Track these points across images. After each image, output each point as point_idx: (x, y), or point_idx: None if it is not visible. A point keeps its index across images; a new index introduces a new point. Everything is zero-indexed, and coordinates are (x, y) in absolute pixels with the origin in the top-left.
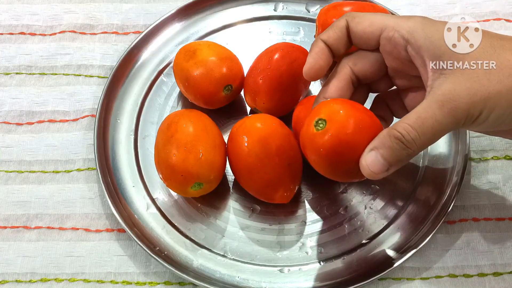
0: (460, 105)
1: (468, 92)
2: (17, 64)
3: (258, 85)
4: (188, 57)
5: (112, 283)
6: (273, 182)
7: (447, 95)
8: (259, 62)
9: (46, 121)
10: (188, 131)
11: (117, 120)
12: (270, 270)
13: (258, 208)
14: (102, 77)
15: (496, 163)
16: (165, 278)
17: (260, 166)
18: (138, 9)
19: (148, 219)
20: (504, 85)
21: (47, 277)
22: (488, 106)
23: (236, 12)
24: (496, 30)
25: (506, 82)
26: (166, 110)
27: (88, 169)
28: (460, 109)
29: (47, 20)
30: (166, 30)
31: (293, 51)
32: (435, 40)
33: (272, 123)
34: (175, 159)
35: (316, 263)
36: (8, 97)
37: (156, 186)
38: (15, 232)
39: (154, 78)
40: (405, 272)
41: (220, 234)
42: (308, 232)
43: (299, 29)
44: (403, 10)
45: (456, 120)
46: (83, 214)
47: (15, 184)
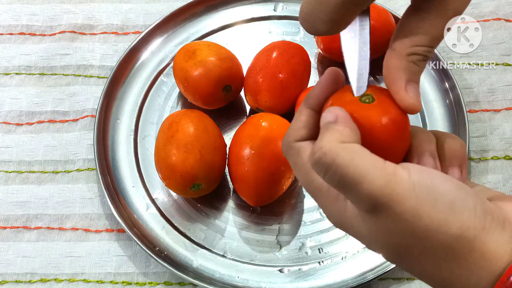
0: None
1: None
2: (17, 65)
3: (259, 84)
4: (188, 57)
5: (112, 283)
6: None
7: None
8: (257, 62)
9: (45, 122)
10: (189, 131)
11: (117, 120)
12: (270, 270)
13: (258, 208)
14: (101, 77)
15: (496, 163)
16: (165, 278)
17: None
18: (138, 9)
19: (148, 219)
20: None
21: (47, 277)
22: None
23: (236, 12)
24: (496, 30)
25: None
26: (165, 110)
27: (88, 169)
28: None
29: (47, 20)
30: (166, 30)
31: (290, 48)
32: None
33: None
34: (175, 159)
35: (316, 263)
36: (8, 98)
37: (156, 186)
38: (15, 232)
39: (154, 78)
40: (405, 272)
41: (220, 234)
42: (308, 232)
43: (299, 29)
44: (403, 10)
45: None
46: (82, 215)
47: (15, 184)
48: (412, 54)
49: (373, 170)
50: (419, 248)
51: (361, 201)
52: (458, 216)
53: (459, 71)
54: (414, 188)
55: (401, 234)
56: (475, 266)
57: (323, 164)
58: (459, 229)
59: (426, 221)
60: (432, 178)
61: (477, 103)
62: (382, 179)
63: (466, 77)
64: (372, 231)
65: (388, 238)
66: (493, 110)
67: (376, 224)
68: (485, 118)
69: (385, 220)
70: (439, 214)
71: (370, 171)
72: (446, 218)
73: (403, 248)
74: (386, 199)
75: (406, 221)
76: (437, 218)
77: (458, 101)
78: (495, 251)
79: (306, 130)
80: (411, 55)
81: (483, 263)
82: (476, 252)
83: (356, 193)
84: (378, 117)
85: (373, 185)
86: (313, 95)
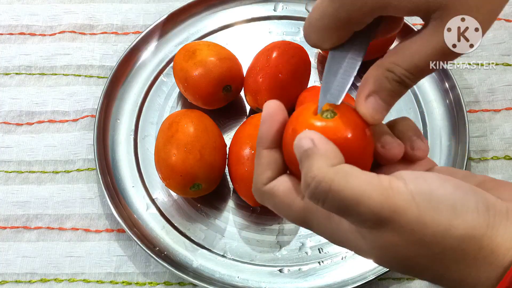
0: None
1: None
2: (17, 65)
3: (259, 84)
4: (188, 57)
5: (112, 283)
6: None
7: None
8: (257, 62)
9: (45, 121)
10: (189, 131)
11: (116, 120)
12: (270, 270)
13: (258, 208)
14: (101, 77)
15: (496, 163)
16: (165, 278)
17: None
18: (138, 9)
19: (148, 219)
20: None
21: (47, 277)
22: None
23: (236, 12)
24: (496, 30)
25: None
26: (165, 110)
27: (87, 169)
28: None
29: (47, 20)
30: (166, 30)
31: (290, 48)
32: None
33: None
34: (175, 159)
35: (316, 263)
36: (8, 97)
37: (156, 186)
38: (15, 232)
39: (154, 78)
40: None
41: (220, 234)
42: (308, 232)
43: (299, 29)
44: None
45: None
46: (82, 215)
47: (15, 184)
48: (389, 71)
49: (370, 188)
50: (428, 256)
51: (363, 221)
52: (462, 217)
53: (459, 71)
54: (414, 197)
55: (408, 245)
56: (484, 263)
57: (320, 193)
58: (465, 230)
59: (432, 228)
60: (428, 184)
61: (477, 103)
62: (380, 195)
63: (466, 77)
64: (374, 247)
65: (394, 251)
66: (493, 110)
67: (379, 239)
68: (485, 118)
69: (389, 234)
70: (443, 219)
71: (366, 190)
72: (451, 221)
73: (411, 258)
74: (388, 213)
75: (412, 231)
76: (443, 223)
77: (458, 101)
78: (503, 245)
79: (271, 171)
80: (388, 71)
81: (492, 259)
82: (485, 250)
83: (357, 214)
84: (339, 130)
85: (372, 202)
86: (263, 135)
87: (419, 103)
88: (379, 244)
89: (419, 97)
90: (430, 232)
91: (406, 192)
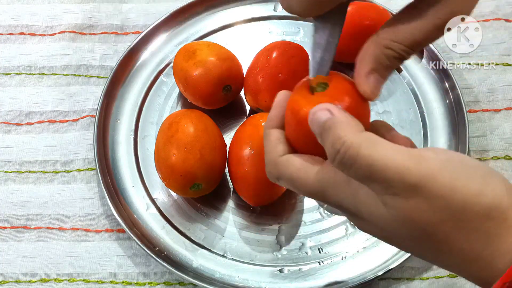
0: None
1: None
2: (17, 65)
3: (259, 84)
4: (188, 57)
5: (112, 283)
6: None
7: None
8: (257, 61)
9: (45, 122)
10: (189, 131)
11: (116, 120)
12: (270, 270)
13: (258, 208)
14: (101, 77)
15: (496, 163)
16: (165, 278)
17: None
18: (138, 9)
19: (148, 219)
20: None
21: (47, 277)
22: None
23: (236, 12)
24: (496, 30)
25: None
26: (165, 110)
27: (87, 169)
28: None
29: (47, 20)
30: (166, 30)
31: (290, 48)
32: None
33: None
34: (175, 159)
35: (316, 263)
36: (8, 97)
37: (156, 186)
38: (15, 232)
39: (154, 78)
40: (405, 272)
41: (219, 234)
42: (308, 232)
43: (299, 29)
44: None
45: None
46: (82, 215)
47: (15, 184)
48: (388, 48)
49: (399, 154)
50: (452, 222)
51: (389, 186)
52: (491, 186)
53: (459, 71)
54: (446, 164)
55: (434, 211)
56: (507, 233)
57: (349, 158)
58: (493, 198)
59: (462, 193)
60: (458, 155)
61: (477, 103)
62: (411, 161)
63: (466, 77)
64: (395, 214)
65: (417, 217)
66: (493, 110)
67: (403, 205)
68: (485, 118)
69: (415, 200)
70: (474, 185)
71: (396, 155)
72: (481, 189)
73: (433, 224)
74: (418, 178)
75: (442, 196)
76: (474, 189)
77: (458, 101)
78: None
79: (282, 144)
80: (387, 49)
81: None
82: (510, 220)
83: (384, 179)
84: (336, 99)
85: (402, 167)
86: (272, 117)
87: (419, 103)
88: (401, 211)
89: (419, 97)
90: (460, 197)
91: (438, 159)
